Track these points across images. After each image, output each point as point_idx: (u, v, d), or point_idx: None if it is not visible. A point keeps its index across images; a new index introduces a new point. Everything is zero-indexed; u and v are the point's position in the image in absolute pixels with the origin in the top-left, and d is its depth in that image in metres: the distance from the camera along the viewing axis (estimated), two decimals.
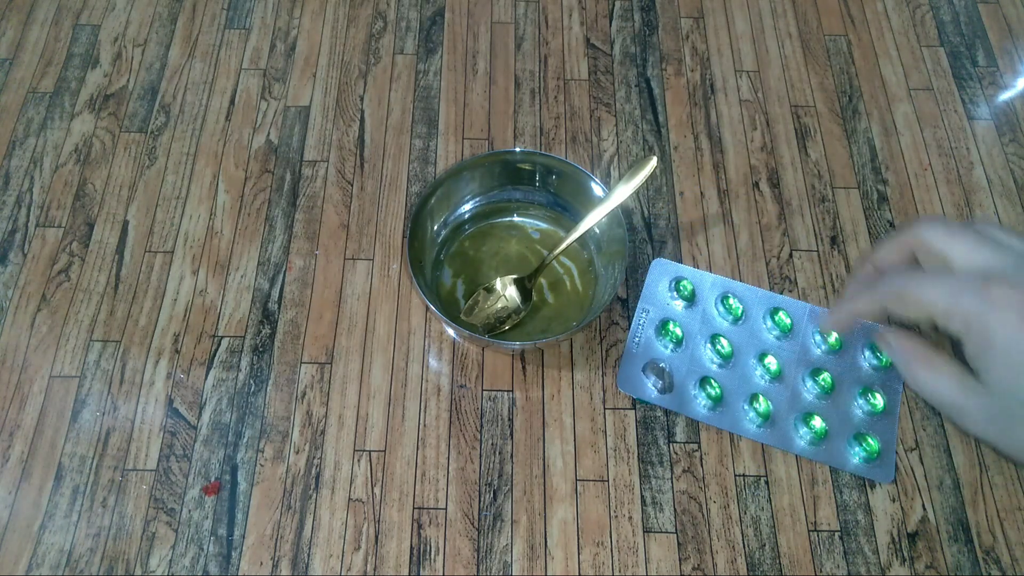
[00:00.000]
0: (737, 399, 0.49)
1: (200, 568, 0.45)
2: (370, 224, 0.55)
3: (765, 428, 0.48)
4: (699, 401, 0.49)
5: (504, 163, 0.52)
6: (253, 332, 0.51)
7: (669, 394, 0.49)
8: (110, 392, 0.49)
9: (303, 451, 0.48)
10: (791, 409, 0.49)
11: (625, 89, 0.61)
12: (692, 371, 0.50)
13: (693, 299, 0.52)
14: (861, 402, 0.49)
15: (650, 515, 0.47)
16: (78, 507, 0.46)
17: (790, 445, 0.48)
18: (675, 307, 0.52)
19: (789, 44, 0.64)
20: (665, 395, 0.49)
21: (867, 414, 0.49)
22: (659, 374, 0.50)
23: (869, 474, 0.48)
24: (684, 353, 0.50)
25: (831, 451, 0.48)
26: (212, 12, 0.64)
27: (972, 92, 0.62)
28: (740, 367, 0.50)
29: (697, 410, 0.49)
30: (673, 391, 0.49)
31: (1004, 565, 0.46)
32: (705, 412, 0.49)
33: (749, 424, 0.48)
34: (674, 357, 0.50)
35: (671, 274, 0.53)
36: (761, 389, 0.50)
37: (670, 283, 0.52)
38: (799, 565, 0.46)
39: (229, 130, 0.59)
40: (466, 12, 0.65)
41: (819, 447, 0.48)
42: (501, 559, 0.45)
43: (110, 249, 0.54)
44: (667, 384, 0.49)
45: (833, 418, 0.49)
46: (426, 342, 0.51)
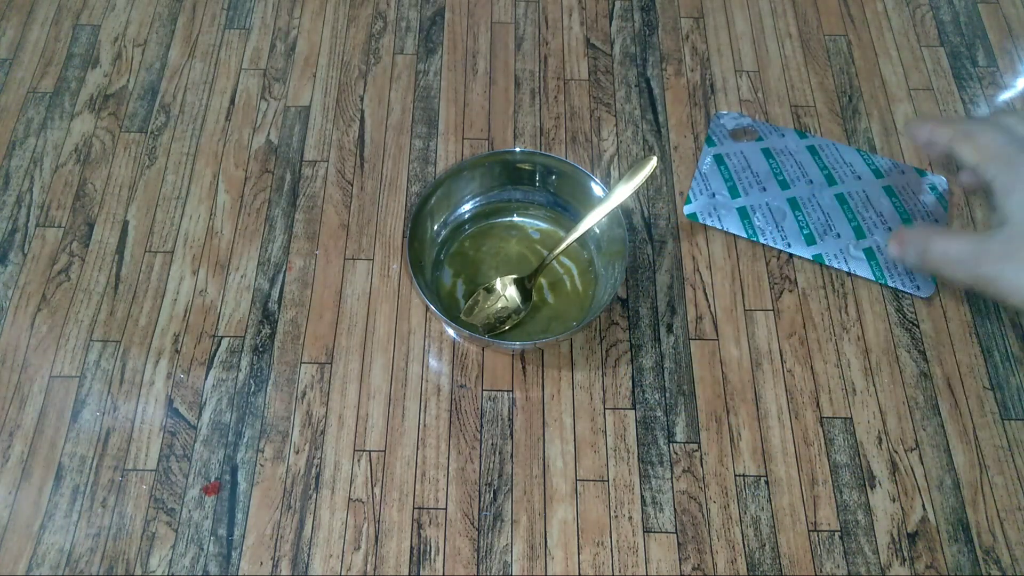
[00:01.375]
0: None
1: (200, 568, 0.45)
2: (370, 224, 0.55)
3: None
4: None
5: (504, 163, 0.52)
6: (253, 332, 0.51)
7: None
8: (110, 392, 0.49)
9: (303, 451, 0.48)
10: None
11: (625, 89, 0.61)
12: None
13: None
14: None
15: (650, 515, 0.47)
16: (78, 507, 0.46)
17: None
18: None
19: (789, 44, 0.64)
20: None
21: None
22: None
23: (909, 287, 0.53)
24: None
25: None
26: (212, 12, 0.64)
27: (972, 92, 0.62)
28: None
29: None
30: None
31: (1004, 565, 0.46)
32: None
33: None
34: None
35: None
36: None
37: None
38: (799, 565, 0.46)
39: (229, 130, 0.59)
40: (466, 12, 0.65)
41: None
42: (501, 559, 0.45)
43: (110, 249, 0.54)
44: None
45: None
46: (426, 342, 0.51)
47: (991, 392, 0.51)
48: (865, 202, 0.56)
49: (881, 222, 0.55)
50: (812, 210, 0.56)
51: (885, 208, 0.55)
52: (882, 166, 0.57)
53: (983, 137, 0.45)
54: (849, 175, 0.57)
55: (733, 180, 0.57)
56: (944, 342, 0.52)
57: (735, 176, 0.57)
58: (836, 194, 0.56)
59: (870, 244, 0.54)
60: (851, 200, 0.56)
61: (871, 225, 0.55)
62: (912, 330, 0.52)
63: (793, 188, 0.56)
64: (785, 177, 0.57)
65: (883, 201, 0.56)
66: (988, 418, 0.50)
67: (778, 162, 0.57)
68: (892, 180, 0.56)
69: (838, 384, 0.51)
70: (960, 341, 0.52)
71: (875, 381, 0.51)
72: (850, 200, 0.56)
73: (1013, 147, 0.44)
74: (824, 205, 0.56)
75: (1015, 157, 0.43)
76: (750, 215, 0.55)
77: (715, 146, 0.58)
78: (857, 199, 0.56)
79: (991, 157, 0.44)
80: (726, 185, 0.57)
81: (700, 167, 0.57)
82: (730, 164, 0.57)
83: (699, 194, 0.56)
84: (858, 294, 0.53)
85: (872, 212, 0.55)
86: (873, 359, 0.51)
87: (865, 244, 0.54)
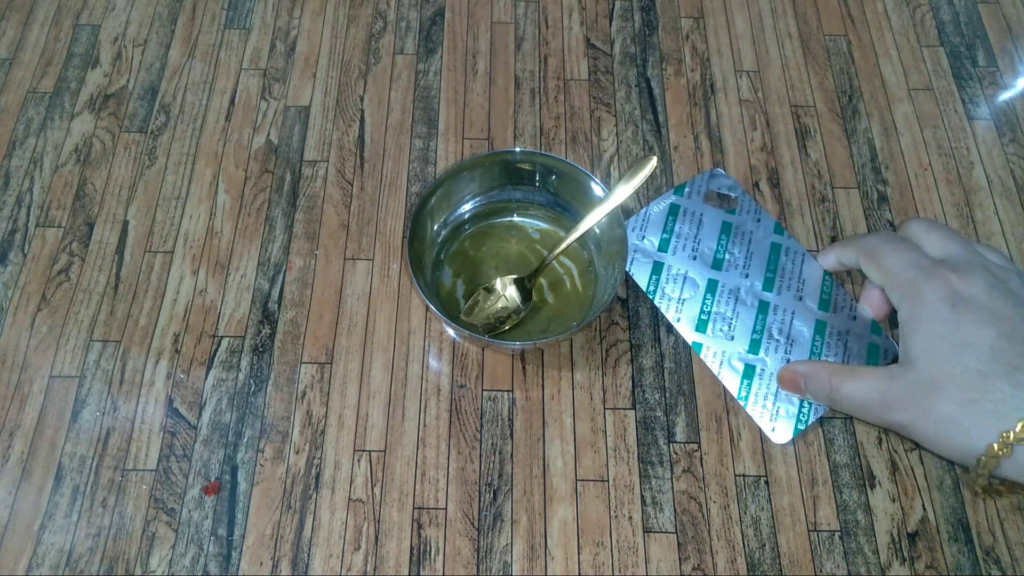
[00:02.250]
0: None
1: (200, 568, 0.45)
2: (370, 224, 0.55)
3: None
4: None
5: (504, 163, 0.52)
6: (253, 332, 0.51)
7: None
8: (110, 392, 0.49)
9: (303, 451, 0.48)
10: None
11: (625, 89, 0.61)
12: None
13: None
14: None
15: (650, 515, 0.47)
16: (78, 507, 0.46)
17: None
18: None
19: (789, 44, 0.64)
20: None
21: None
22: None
23: (766, 426, 0.48)
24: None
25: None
26: (212, 12, 0.64)
27: (972, 92, 0.62)
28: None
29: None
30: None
31: (1004, 565, 0.46)
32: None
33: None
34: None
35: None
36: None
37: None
38: (799, 565, 0.46)
39: (229, 130, 0.59)
40: (466, 12, 0.65)
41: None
42: (501, 559, 0.45)
43: (110, 249, 0.54)
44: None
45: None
46: (426, 342, 0.51)
47: None
48: (785, 323, 0.50)
49: (786, 350, 0.50)
50: (724, 302, 0.51)
51: (802, 339, 0.50)
52: (836, 302, 0.51)
53: (888, 257, 0.42)
54: (791, 292, 0.51)
55: (671, 235, 0.53)
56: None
57: (675, 232, 0.54)
58: (761, 301, 0.51)
59: (755, 363, 0.50)
60: (772, 314, 0.51)
61: (772, 347, 0.50)
62: None
63: (723, 272, 0.52)
64: (724, 257, 0.53)
65: (804, 332, 0.50)
66: None
67: (729, 241, 0.53)
68: (833, 320, 0.50)
69: None
70: None
71: None
72: (771, 314, 0.51)
73: (917, 271, 0.40)
74: (740, 304, 0.51)
75: (920, 284, 0.40)
76: (662, 272, 0.52)
77: (681, 196, 0.55)
78: (780, 316, 0.50)
79: (896, 284, 0.41)
80: (660, 235, 0.54)
81: (650, 208, 0.55)
82: (680, 220, 0.54)
83: (631, 229, 0.54)
84: (858, 294, 0.53)
85: (784, 337, 0.50)
86: None
87: (751, 360, 0.50)
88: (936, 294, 0.39)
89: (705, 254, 0.53)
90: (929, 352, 0.38)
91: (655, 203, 0.55)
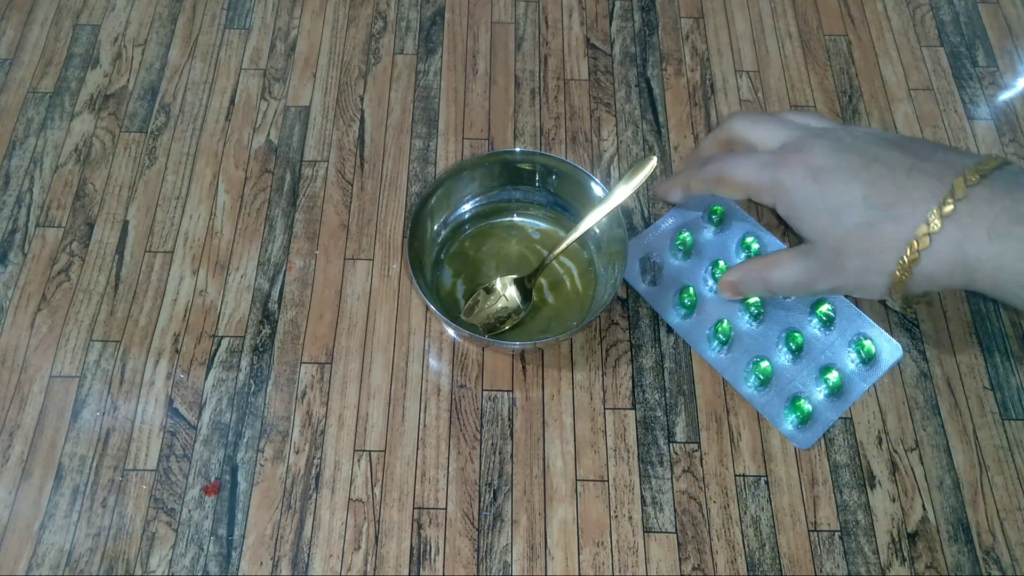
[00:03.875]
0: (707, 320, 0.51)
1: (200, 568, 0.45)
2: (370, 224, 0.55)
3: (723, 354, 0.51)
4: (676, 309, 0.52)
5: (504, 163, 0.52)
6: (253, 332, 0.51)
7: (654, 288, 0.53)
8: (110, 392, 0.49)
9: (303, 451, 0.48)
10: (749, 350, 0.51)
11: (625, 89, 0.61)
12: (682, 281, 0.53)
13: (721, 225, 0.55)
14: (819, 378, 0.50)
15: (650, 515, 0.47)
16: (78, 507, 0.46)
17: (738, 382, 0.50)
18: (703, 228, 0.55)
19: (789, 44, 0.64)
20: (651, 287, 0.53)
21: (823, 388, 0.50)
22: (652, 269, 0.53)
23: (791, 437, 0.49)
24: (687, 264, 0.54)
25: (768, 403, 0.50)
26: (212, 12, 0.64)
27: (972, 92, 0.62)
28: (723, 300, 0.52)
29: (671, 315, 0.52)
30: (657, 287, 0.53)
31: (1004, 565, 0.46)
32: (677, 320, 0.52)
33: (710, 349, 0.51)
34: (677, 265, 0.54)
35: (710, 202, 0.55)
36: (729, 316, 0.51)
37: (708, 209, 0.55)
38: (799, 565, 0.46)
39: (229, 130, 0.59)
40: (466, 12, 0.65)
41: (761, 393, 0.50)
42: (501, 559, 0.45)
43: (110, 249, 0.54)
44: (654, 279, 0.53)
45: (784, 375, 0.50)
46: (426, 342, 0.51)
47: (991, 392, 0.51)
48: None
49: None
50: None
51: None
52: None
53: (736, 173, 0.44)
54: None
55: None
56: (944, 342, 0.52)
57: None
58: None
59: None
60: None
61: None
62: (912, 330, 0.52)
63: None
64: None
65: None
66: (988, 418, 0.50)
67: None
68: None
69: None
70: (960, 341, 0.52)
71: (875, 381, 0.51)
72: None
73: (769, 170, 0.42)
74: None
75: (778, 178, 0.42)
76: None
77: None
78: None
79: (759, 190, 0.43)
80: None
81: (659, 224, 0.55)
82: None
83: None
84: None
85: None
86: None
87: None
88: (794, 178, 0.41)
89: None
90: (817, 228, 0.41)
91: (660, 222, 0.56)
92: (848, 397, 0.50)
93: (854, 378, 0.50)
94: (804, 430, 0.49)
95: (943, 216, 0.37)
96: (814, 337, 0.51)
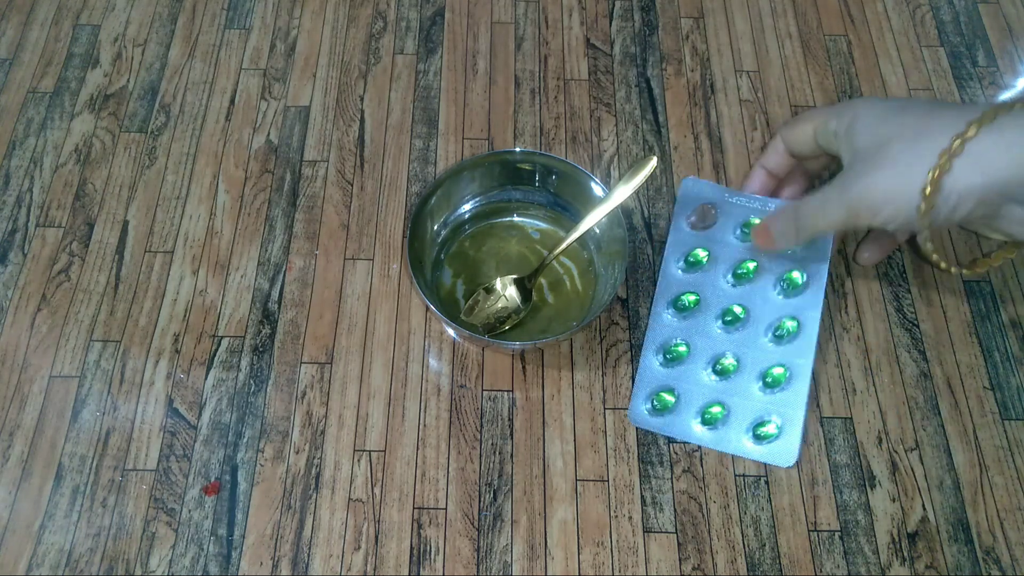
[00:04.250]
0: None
1: (200, 568, 0.45)
2: (370, 224, 0.55)
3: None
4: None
5: (504, 163, 0.52)
6: (253, 332, 0.51)
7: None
8: (110, 392, 0.49)
9: (303, 451, 0.48)
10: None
11: (625, 89, 0.61)
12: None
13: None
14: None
15: (650, 515, 0.47)
16: (78, 507, 0.46)
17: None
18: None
19: (789, 44, 0.64)
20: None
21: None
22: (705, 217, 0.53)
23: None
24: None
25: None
26: (212, 12, 0.64)
27: (972, 92, 0.62)
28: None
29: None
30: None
31: (1004, 565, 0.46)
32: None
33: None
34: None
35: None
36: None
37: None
38: (799, 565, 0.46)
39: (229, 130, 0.59)
40: (466, 12, 0.65)
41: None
42: (501, 559, 0.45)
43: (110, 249, 0.54)
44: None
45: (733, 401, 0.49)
46: (426, 342, 0.51)
47: (991, 392, 0.51)
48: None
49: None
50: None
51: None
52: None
53: (809, 113, 0.47)
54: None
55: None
56: (944, 342, 0.52)
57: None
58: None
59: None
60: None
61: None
62: (912, 330, 0.52)
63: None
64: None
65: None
66: (988, 418, 0.50)
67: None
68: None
69: (838, 384, 0.51)
70: (960, 341, 0.52)
71: (875, 381, 0.51)
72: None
73: (838, 104, 0.46)
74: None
75: (850, 102, 0.45)
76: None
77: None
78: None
79: (830, 114, 0.45)
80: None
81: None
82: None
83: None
84: (858, 294, 0.53)
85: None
86: (873, 359, 0.51)
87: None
88: (867, 100, 0.44)
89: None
90: (870, 127, 0.42)
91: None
92: (713, 440, 0.48)
93: (735, 434, 0.48)
94: (653, 414, 0.48)
95: (997, 112, 0.39)
96: (746, 379, 0.49)
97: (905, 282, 0.54)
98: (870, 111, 0.43)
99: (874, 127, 0.42)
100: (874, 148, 0.42)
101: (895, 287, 0.54)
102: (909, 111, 0.42)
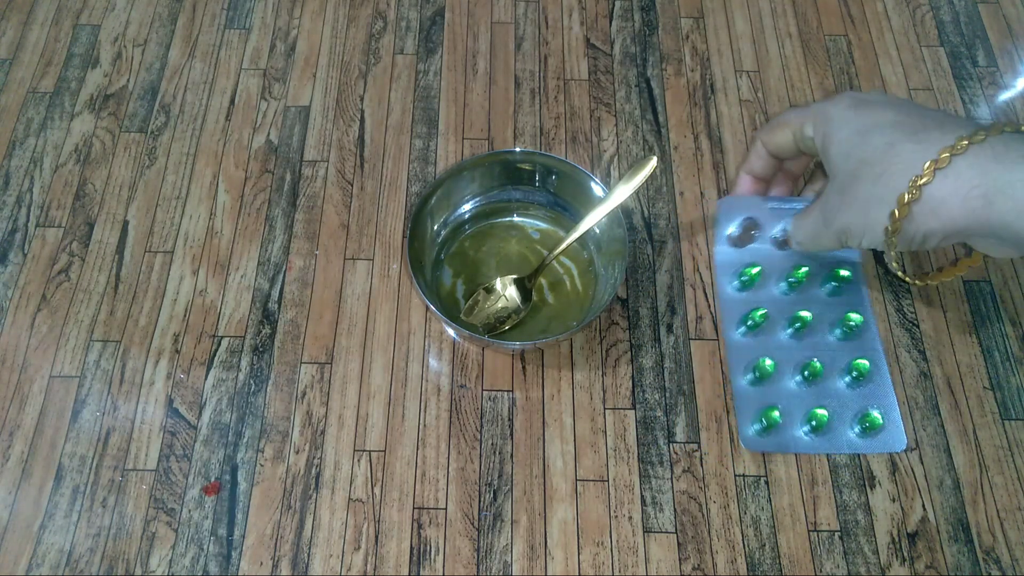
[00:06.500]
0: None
1: (200, 568, 0.45)
2: (370, 224, 0.55)
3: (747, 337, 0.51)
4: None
5: (504, 163, 0.52)
6: (253, 332, 0.51)
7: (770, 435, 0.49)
8: (110, 392, 0.49)
9: (303, 451, 0.48)
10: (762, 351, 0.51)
11: (625, 89, 0.61)
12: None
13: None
14: (847, 379, 0.50)
15: (650, 515, 0.47)
16: (78, 507, 0.46)
17: (736, 372, 0.50)
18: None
19: (789, 44, 0.64)
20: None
21: (855, 384, 0.50)
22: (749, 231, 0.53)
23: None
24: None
25: (746, 404, 0.49)
26: (212, 12, 0.64)
27: (972, 92, 0.62)
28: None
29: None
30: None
31: (1004, 565, 0.46)
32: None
33: (736, 331, 0.52)
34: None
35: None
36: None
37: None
38: (799, 565, 0.46)
39: (229, 130, 0.59)
40: (466, 12, 0.65)
41: (748, 390, 0.50)
42: (501, 559, 0.45)
43: (110, 249, 0.54)
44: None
45: (781, 392, 0.50)
46: (426, 342, 0.51)
47: (991, 392, 0.51)
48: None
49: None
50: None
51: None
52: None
53: (786, 114, 0.46)
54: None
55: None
56: (944, 342, 0.52)
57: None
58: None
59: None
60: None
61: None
62: (912, 330, 0.52)
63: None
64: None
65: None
66: (988, 418, 0.50)
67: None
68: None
69: None
70: (960, 341, 0.52)
71: None
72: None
73: (818, 103, 0.45)
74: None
75: (825, 105, 0.45)
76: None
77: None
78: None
79: (805, 117, 0.45)
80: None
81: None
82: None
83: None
84: None
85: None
86: None
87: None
88: (838, 106, 0.43)
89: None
90: (842, 149, 0.42)
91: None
92: (824, 444, 0.48)
93: (842, 433, 0.49)
94: (763, 435, 0.48)
95: (971, 140, 0.37)
96: (833, 380, 0.50)
97: (905, 282, 0.54)
98: (843, 126, 0.42)
99: (847, 149, 0.42)
100: (848, 177, 0.42)
101: (895, 287, 0.54)
102: (876, 132, 0.41)
